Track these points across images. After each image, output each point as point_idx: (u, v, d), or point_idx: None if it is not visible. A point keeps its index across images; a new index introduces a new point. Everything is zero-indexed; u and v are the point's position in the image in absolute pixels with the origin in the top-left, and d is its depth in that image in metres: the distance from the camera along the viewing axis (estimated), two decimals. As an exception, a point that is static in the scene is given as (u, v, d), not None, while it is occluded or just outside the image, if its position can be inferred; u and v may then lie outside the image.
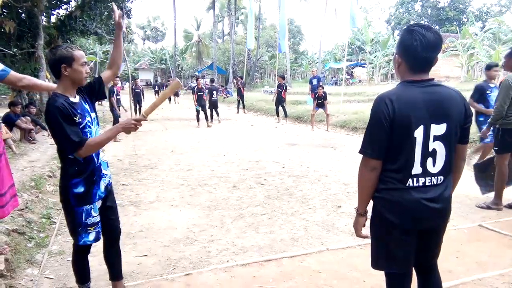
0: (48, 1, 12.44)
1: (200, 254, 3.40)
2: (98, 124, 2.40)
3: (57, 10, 14.06)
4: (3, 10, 10.62)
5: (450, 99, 1.74)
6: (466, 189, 5.18)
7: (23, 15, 11.99)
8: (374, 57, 36.70)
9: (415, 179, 1.74)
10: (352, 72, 40.64)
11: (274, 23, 46.79)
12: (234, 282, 2.93)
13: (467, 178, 5.82)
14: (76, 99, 2.24)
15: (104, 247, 2.59)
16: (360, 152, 1.81)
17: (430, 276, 2.01)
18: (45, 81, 12.20)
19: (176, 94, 32.99)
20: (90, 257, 3.21)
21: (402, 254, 1.84)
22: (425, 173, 1.74)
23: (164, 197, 5.06)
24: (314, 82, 14.34)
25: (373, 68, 37.90)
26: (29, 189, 4.77)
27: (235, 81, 18.98)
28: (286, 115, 14.11)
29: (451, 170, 1.82)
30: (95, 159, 2.29)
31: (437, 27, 49.62)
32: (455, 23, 45.13)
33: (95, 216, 2.32)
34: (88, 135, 2.22)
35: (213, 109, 13.76)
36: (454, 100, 1.75)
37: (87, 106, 2.30)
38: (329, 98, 15.49)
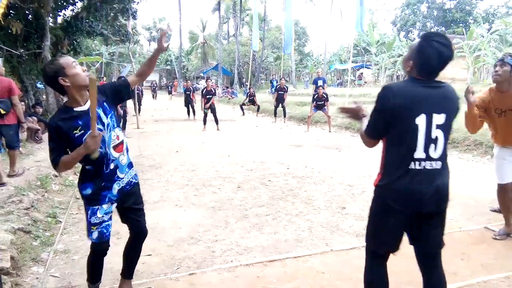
0: (55, 2, 12.51)
1: (204, 254, 3.41)
2: (114, 128, 2.33)
3: (63, 11, 14.13)
4: (10, 11, 10.71)
5: (448, 94, 1.96)
6: (471, 192, 5.16)
7: (29, 16, 12.07)
8: (380, 58, 36.58)
9: (417, 163, 1.90)
10: (361, 74, 40.18)
11: (279, 25, 46.70)
12: (238, 282, 2.93)
13: (472, 180, 5.80)
14: (85, 106, 2.22)
15: (128, 244, 2.62)
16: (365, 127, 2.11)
17: (433, 271, 2.08)
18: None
19: (170, 92, 33.13)
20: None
21: (393, 236, 2.03)
22: (428, 158, 1.91)
23: (168, 197, 5.07)
24: (320, 83, 14.26)
25: (378, 69, 37.79)
26: (35, 188, 4.81)
27: (251, 90, 18.57)
28: (285, 116, 14.44)
29: (446, 157, 1.99)
30: (105, 166, 2.30)
31: (443, 28, 49.37)
32: (461, 24, 44.79)
33: (100, 217, 2.34)
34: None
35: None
36: (451, 95, 1.97)
37: (100, 111, 2.24)
38: (335, 100, 15.49)
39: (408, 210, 1.94)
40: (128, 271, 2.67)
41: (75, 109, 2.20)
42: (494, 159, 3.87)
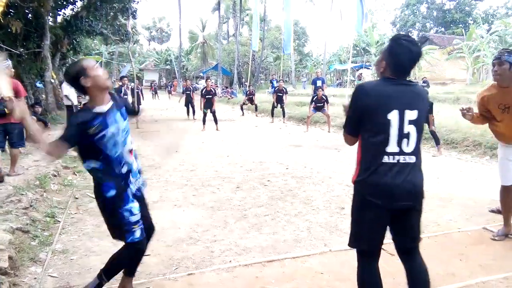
0: (55, 1, 12.53)
1: (203, 254, 3.40)
2: (129, 133, 2.45)
3: (63, 11, 14.18)
4: (10, 10, 10.71)
5: (418, 92, 2.07)
6: (470, 192, 5.16)
7: (29, 15, 12.09)
8: (379, 59, 36.51)
9: (391, 157, 1.99)
10: (361, 74, 40.03)
11: (279, 25, 46.64)
12: (236, 282, 2.93)
13: (471, 180, 5.80)
14: (105, 107, 2.29)
15: None
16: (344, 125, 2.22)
17: (413, 262, 2.14)
18: (51, 81, 12.31)
19: (169, 92, 33.30)
20: (92, 256, 3.23)
21: (372, 231, 2.09)
22: (401, 152, 2.00)
23: (167, 197, 5.07)
24: (319, 83, 14.27)
25: (378, 70, 37.72)
26: (34, 188, 4.80)
27: (250, 88, 18.57)
28: (284, 116, 14.44)
29: (420, 151, 2.07)
30: (118, 167, 2.36)
31: (442, 29, 49.37)
32: (461, 25, 44.76)
33: (138, 213, 2.39)
34: (110, 148, 2.29)
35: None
36: (421, 93, 2.08)
37: (118, 115, 2.36)
38: (334, 100, 15.47)
39: (385, 204, 1.99)
40: (133, 270, 2.67)
41: (93, 110, 2.26)
42: (498, 160, 3.78)
